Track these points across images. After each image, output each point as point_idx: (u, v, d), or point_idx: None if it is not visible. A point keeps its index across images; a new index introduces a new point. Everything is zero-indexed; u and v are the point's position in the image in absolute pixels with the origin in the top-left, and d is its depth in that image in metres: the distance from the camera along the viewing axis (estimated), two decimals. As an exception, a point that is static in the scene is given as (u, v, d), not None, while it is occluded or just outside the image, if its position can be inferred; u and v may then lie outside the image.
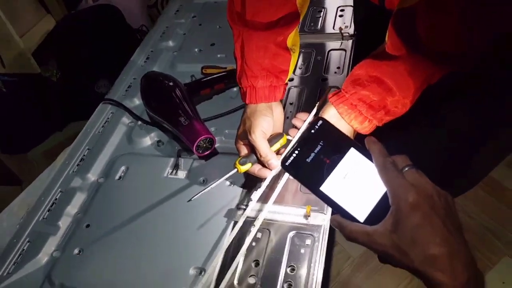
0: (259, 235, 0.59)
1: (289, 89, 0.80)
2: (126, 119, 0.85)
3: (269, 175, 0.59)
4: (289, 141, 0.62)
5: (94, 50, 1.65)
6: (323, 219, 0.58)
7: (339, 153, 0.46)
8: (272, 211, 0.61)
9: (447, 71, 0.51)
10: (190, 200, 0.59)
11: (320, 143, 0.47)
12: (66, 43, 1.67)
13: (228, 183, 0.66)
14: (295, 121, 0.64)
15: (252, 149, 0.61)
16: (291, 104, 0.77)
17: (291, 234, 0.58)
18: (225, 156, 0.72)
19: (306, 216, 0.59)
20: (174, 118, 0.71)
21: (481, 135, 0.80)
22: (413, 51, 0.50)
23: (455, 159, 0.88)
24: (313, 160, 0.46)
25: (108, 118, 0.86)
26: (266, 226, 0.60)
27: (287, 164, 0.47)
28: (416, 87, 0.52)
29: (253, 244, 0.58)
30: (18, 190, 1.52)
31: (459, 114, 0.76)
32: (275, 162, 0.58)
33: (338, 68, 0.82)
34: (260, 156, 0.59)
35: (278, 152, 0.61)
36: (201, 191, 0.59)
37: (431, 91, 0.54)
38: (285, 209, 0.61)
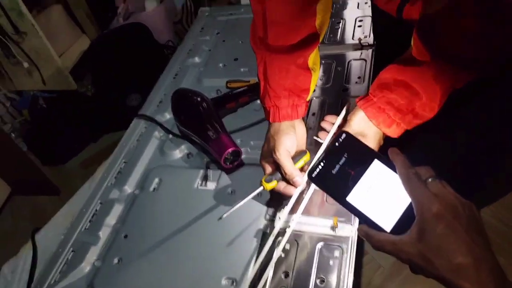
0: (287, 246, 0.61)
1: (310, 100, 0.83)
2: (158, 133, 0.90)
3: (294, 192, 0.61)
4: (313, 155, 0.63)
5: (125, 66, 1.74)
6: (350, 230, 0.60)
7: (363, 165, 0.47)
8: (300, 222, 0.63)
9: (474, 76, 0.52)
10: (220, 218, 0.61)
11: (345, 156, 0.49)
12: (100, 60, 1.78)
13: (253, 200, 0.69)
14: (324, 124, 0.67)
15: (277, 167, 0.63)
16: (313, 115, 0.80)
17: (319, 245, 0.60)
18: (250, 167, 0.75)
19: (334, 228, 0.60)
20: (203, 132, 0.75)
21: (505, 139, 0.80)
22: (438, 57, 0.51)
23: (479, 164, 0.87)
24: (338, 171, 0.48)
25: (142, 133, 0.92)
26: (294, 238, 0.62)
27: (313, 176, 0.49)
28: (443, 92, 0.54)
29: (282, 255, 0.60)
30: (56, 200, 1.62)
31: (482, 116, 0.76)
32: (300, 180, 0.60)
33: (359, 78, 0.84)
34: (285, 174, 0.60)
35: (302, 169, 0.63)
36: (231, 210, 0.61)
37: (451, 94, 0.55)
38: (313, 220, 0.63)
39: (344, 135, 0.51)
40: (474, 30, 0.47)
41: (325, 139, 0.65)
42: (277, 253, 0.59)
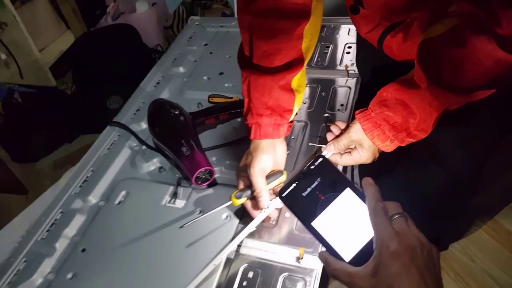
0: (250, 274, 0.59)
1: (293, 124, 0.81)
2: (132, 142, 0.87)
3: (257, 216, 0.60)
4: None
5: (109, 67, 1.70)
6: (316, 262, 0.58)
7: (335, 192, 0.48)
8: (265, 249, 0.61)
9: (468, 101, 0.53)
10: (181, 227, 0.60)
11: (318, 180, 0.49)
12: (83, 59, 1.73)
13: (224, 216, 0.67)
14: (333, 128, 0.66)
15: (250, 184, 0.62)
16: (293, 138, 0.78)
17: (282, 276, 0.58)
18: (224, 187, 0.72)
19: (299, 259, 0.59)
20: (177, 147, 0.72)
21: (479, 178, 0.81)
22: (435, 84, 0.52)
23: (454, 199, 0.88)
24: (308, 194, 0.49)
25: (114, 141, 0.88)
26: (258, 266, 0.60)
27: (283, 195, 0.50)
28: (438, 114, 0.55)
29: (244, 283, 0.58)
30: (23, 199, 1.55)
31: (457, 152, 0.77)
32: (265, 201, 0.59)
33: (342, 105, 0.83)
34: (254, 191, 0.61)
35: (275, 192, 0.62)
36: (194, 219, 0.61)
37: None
38: (279, 249, 0.61)
39: (321, 159, 0.52)
40: (472, 60, 0.47)
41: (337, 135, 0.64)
42: (238, 280, 0.58)
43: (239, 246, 0.62)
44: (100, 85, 1.69)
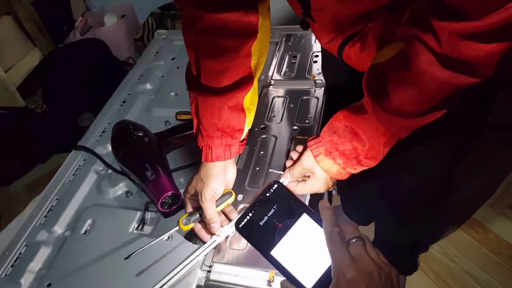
0: (219, 300, 0.58)
1: (262, 138, 0.80)
2: (97, 167, 0.84)
3: (208, 239, 0.61)
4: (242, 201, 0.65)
5: (80, 83, 1.66)
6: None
7: (292, 218, 0.47)
8: (235, 274, 0.60)
9: (418, 126, 0.53)
10: (127, 257, 0.59)
11: (274, 207, 0.48)
12: (53, 76, 1.69)
13: (194, 240, 0.65)
14: (292, 153, 0.65)
15: (198, 208, 0.62)
16: (261, 153, 0.77)
17: (251, 300, 0.57)
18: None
19: (270, 282, 0.57)
20: (141, 171, 0.70)
21: (449, 181, 0.81)
22: (381, 108, 0.51)
23: (427, 203, 0.89)
24: (266, 223, 0.47)
25: (79, 166, 0.85)
26: (227, 291, 0.58)
27: (240, 226, 0.48)
28: (385, 140, 0.54)
29: None
30: (-2, 227, 1.50)
31: (426, 158, 0.77)
32: (216, 227, 0.60)
33: (310, 116, 0.82)
34: (205, 217, 0.60)
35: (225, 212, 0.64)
36: (140, 249, 0.60)
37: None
38: (250, 273, 0.59)
39: (276, 186, 0.50)
40: (416, 83, 0.47)
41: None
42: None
43: (208, 272, 0.61)
44: (71, 103, 1.65)
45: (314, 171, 0.60)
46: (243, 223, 0.49)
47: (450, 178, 0.82)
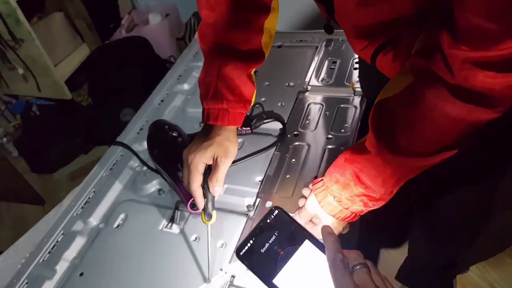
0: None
1: (294, 145, 0.79)
2: (133, 163, 0.87)
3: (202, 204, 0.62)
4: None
5: (123, 79, 1.72)
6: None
7: (294, 245, 0.46)
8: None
9: (427, 167, 0.49)
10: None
11: (275, 234, 0.47)
12: (98, 71, 1.77)
13: (220, 244, 0.66)
14: (304, 191, 0.64)
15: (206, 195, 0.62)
16: (293, 161, 0.76)
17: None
18: (221, 213, 0.71)
19: None
20: (173, 171, 0.71)
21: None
22: (387, 149, 0.48)
23: (467, 223, 0.84)
24: (267, 250, 0.46)
25: (117, 161, 0.88)
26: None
27: (241, 254, 0.47)
28: (392, 183, 0.51)
29: None
30: (40, 210, 1.59)
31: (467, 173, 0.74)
32: (218, 191, 0.63)
33: (346, 126, 0.80)
34: (215, 181, 0.61)
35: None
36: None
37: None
38: None
39: (276, 211, 0.48)
40: (426, 120, 0.44)
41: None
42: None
43: (233, 276, 0.61)
44: (114, 97, 1.71)
45: (320, 217, 0.58)
46: (244, 250, 0.47)
47: (493, 196, 0.77)
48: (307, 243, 0.45)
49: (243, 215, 0.69)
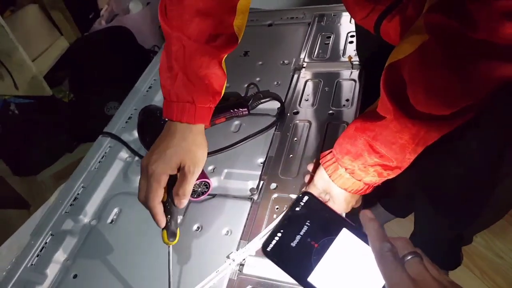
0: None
1: (295, 124, 0.74)
2: (124, 154, 0.81)
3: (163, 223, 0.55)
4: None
5: (105, 71, 1.64)
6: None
7: (329, 235, 0.39)
8: (269, 266, 0.55)
9: (445, 131, 0.45)
10: None
11: (307, 223, 0.41)
12: (79, 65, 1.68)
13: (224, 231, 0.61)
14: (309, 167, 0.59)
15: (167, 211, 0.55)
16: (295, 139, 0.72)
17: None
18: (222, 199, 0.66)
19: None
20: (169, 158, 0.66)
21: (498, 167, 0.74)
22: (404, 113, 0.44)
23: (473, 193, 0.82)
24: (298, 244, 0.40)
25: (105, 153, 0.82)
26: (264, 287, 0.53)
27: (268, 249, 0.41)
28: (410, 150, 0.47)
29: None
30: (26, 214, 1.51)
31: (472, 145, 0.70)
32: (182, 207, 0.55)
33: (347, 100, 0.76)
34: (181, 194, 0.53)
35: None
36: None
37: None
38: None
39: (306, 197, 0.42)
40: (441, 84, 0.40)
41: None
42: None
43: (241, 265, 0.57)
44: (97, 91, 1.63)
45: (331, 192, 0.54)
46: (271, 245, 0.41)
47: (498, 165, 0.74)
48: (345, 232, 0.39)
49: (247, 200, 0.64)
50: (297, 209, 0.42)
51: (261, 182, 0.66)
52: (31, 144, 1.61)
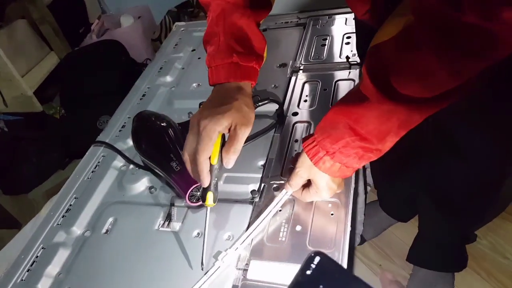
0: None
1: (295, 125, 0.73)
2: (118, 163, 0.78)
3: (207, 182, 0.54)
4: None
5: (97, 86, 1.62)
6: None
7: None
8: (276, 271, 0.52)
9: (428, 114, 0.44)
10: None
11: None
12: (70, 80, 1.66)
13: (226, 236, 0.58)
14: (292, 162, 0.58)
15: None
16: (296, 141, 0.70)
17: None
18: (223, 204, 0.63)
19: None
20: (165, 163, 0.63)
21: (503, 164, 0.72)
22: (386, 96, 0.43)
23: (479, 194, 0.80)
24: None
25: (99, 162, 0.79)
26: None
27: None
28: (390, 133, 0.46)
29: None
30: (16, 233, 1.46)
31: (477, 143, 0.69)
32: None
33: (348, 100, 0.74)
34: (232, 152, 0.54)
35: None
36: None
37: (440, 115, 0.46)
38: (292, 269, 0.51)
39: (318, 258, 0.37)
40: (425, 66, 0.39)
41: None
42: None
43: (245, 270, 0.53)
44: (88, 106, 1.61)
45: (313, 177, 0.53)
46: None
47: (504, 164, 0.73)
48: None
49: (248, 203, 0.61)
50: (308, 272, 0.37)
51: (263, 185, 0.63)
52: (21, 161, 1.57)
